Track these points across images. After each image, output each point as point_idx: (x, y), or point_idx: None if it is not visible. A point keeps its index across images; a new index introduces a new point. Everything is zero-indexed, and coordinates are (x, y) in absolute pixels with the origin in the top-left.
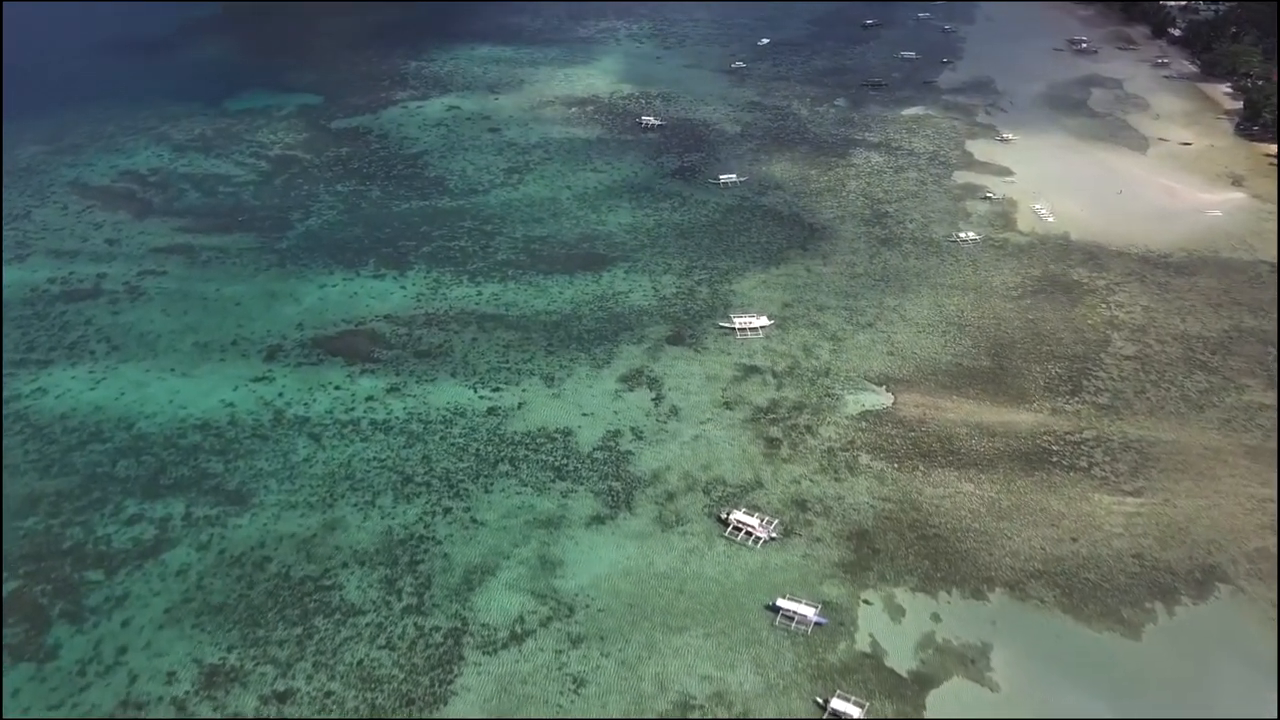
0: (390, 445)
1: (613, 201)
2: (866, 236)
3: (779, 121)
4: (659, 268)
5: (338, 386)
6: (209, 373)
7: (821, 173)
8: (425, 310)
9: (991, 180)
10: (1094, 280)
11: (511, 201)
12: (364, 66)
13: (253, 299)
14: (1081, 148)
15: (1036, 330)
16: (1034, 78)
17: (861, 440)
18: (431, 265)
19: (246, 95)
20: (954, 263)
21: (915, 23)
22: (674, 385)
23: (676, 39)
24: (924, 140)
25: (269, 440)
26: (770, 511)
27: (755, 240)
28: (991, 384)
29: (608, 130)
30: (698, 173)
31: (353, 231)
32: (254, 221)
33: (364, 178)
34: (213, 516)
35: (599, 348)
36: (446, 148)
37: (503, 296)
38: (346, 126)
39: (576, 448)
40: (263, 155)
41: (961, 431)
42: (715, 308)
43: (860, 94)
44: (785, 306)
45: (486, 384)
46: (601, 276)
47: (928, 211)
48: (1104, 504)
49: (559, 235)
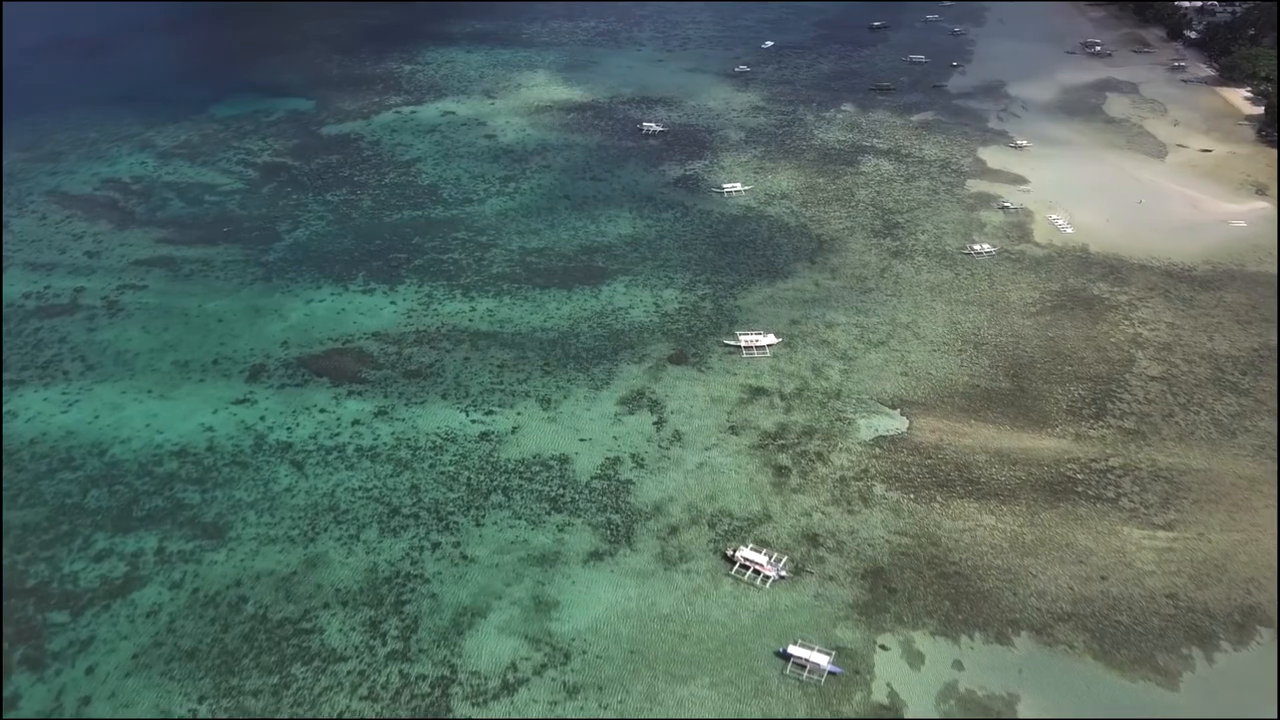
0: (377, 474)
1: (612, 211)
2: (877, 248)
3: (784, 127)
4: (661, 282)
5: (323, 410)
6: (188, 394)
7: (829, 181)
8: (416, 327)
9: (1006, 189)
10: (1115, 295)
11: (507, 211)
12: (357, 70)
13: (236, 315)
14: (1098, 155)
15: (1057, 349)
16: (1047, 82)
17: (875, 468)
18: (423, 279)
19: (235, 100)
20: (969, 276)
21: (924, 25)
22: (677, 408)
23: (678, 42)
24: (935, 147)
25: (249, 468)
26: (779, 547)
27: (761, 253)
28: (1011, 407)
29: (607, 137)
30: (701, 181)
31: (342, 243)
32: (240, 232)
33: (355, 186)
34: (187, 552)
35: (598, 367)
36: (440, 155)
37: (497, 312)
38: (338, 132)
39: (574, 476)
40: (250, 163)
41: (980, 459)
42: (720, 325)
43: (868, 98)
44: (793, 323)
45: (479, 407)
46: (601, 291)
47: (940, 222)
48: (1134, 538)
49: (556, 247)
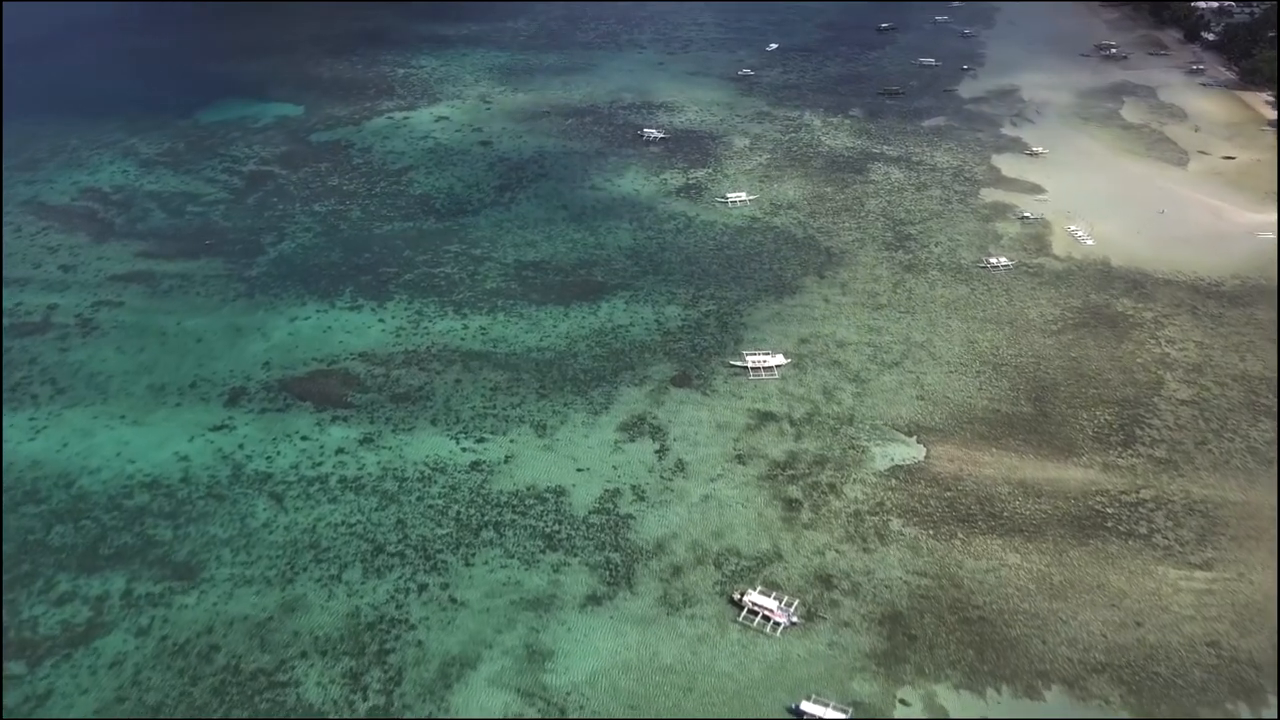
0: (361, 507)
1: (612, 223)
2: (889, 262)
3: (790, 133)
4: (662, 297)
5: (305, 437)
6: (163, 420)
7: (837, 190)
8: (405, 347)
9: (1022, 199)
10: (1140, 312)
11: (502, 223)
12: (348, 74)
13: (216, 334)
14: (1117, 162)
15: (1080, 370)
16: (1061, 86)
17: (892, 502)
18: (413, 295)
19: (221, 105)
20: (986, 292)
21: (932, 26)
22: (680, 435)
23: (680, 44)
24: (947, 154)
25: (225, 501)
26: (791, 590)
27: (767, 266)
28: (1034, 434)
29: (607, 143)
30: (704, 190)
31: (329, 256)
32: (223, 245)
33: (344, 196)
34: (156, 595)
35: (596, 390)
36: (434, 163)
37: (491, 331)
38: (327, 139)
39: (570, 511)
40: (236, 171)
41: (1003, 491)
42: (725, 344)
43: (877, 103)
44: (802, 342)
45: (470, 434)
46: (599, 307)
47: (954, 234)
48: (1170, 579)
49: (554, 260)
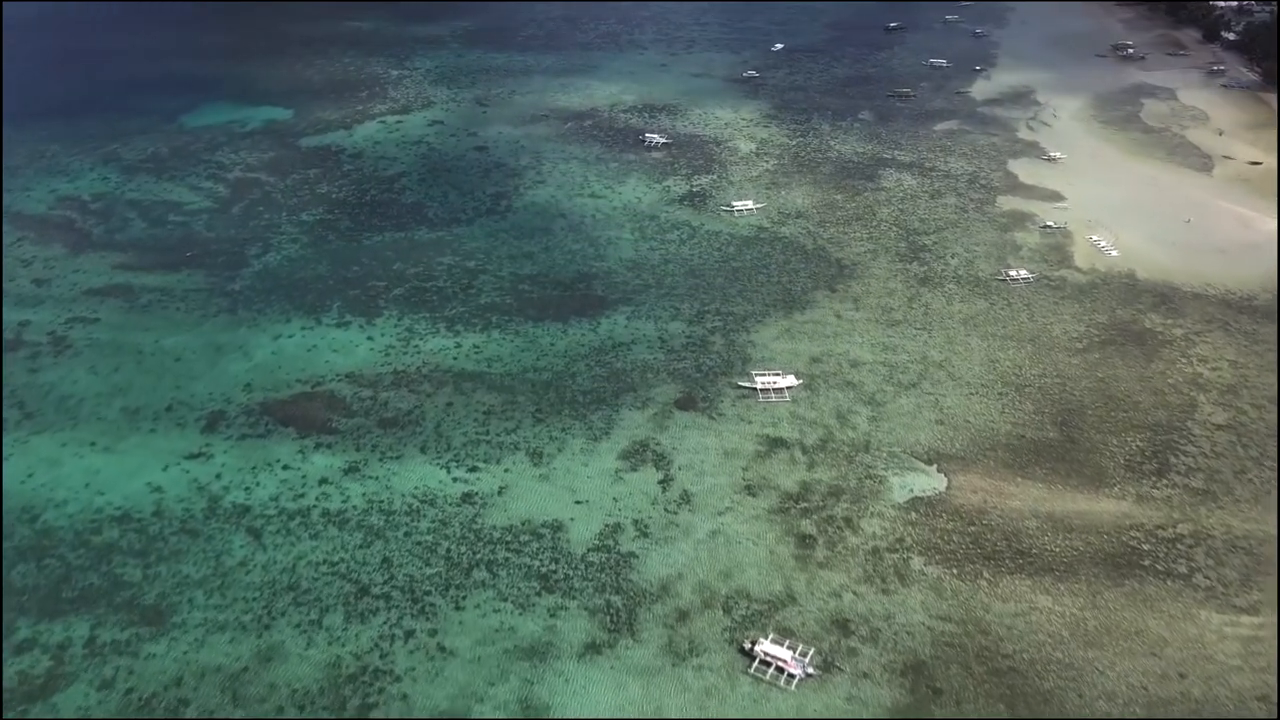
0: (345, 544)
1: (613, 233)
2: (903, 275)
3: (798, 138)
4: (666, 313)
5: (286, 466)
6: (136, 447)
7: (848, 198)
8: (394, 367)
9: (1041, 207)
10: (1170, 329)
11: (498, 233)
12: (340, 75)
13: (195, 353)
14: (1138, 168)
15: (1109, 392)
16: (1078, 87)
17: (912, 538)
18: (404, 310)
19: (208, 109)
20: (1006, 307)
21: (943, 26)
22: (685, 463)
23: (682, 44)
24: (961, 159)
25: (199, 537)
26: (805, 637)
27: (775, 279)
28: (1062, 461)
29: (607, 149)
30: (709, 199)
31: (316, 269)
32: (205, 257)
33: (333, 204)
34: (122, 642)
35: (596, 414)
36: (427, 169)
37: (485, 349)
38: (317, 144)
39: (568, 548)
40: (221, 178)
41: (1031, 525)
42: (732, 363)
43: (887, 106)
44: (813, 361)
45: (462, 462)
46: (600, 323)
47: (971, 244)
48: (1214, 624)
49: (551, 273)
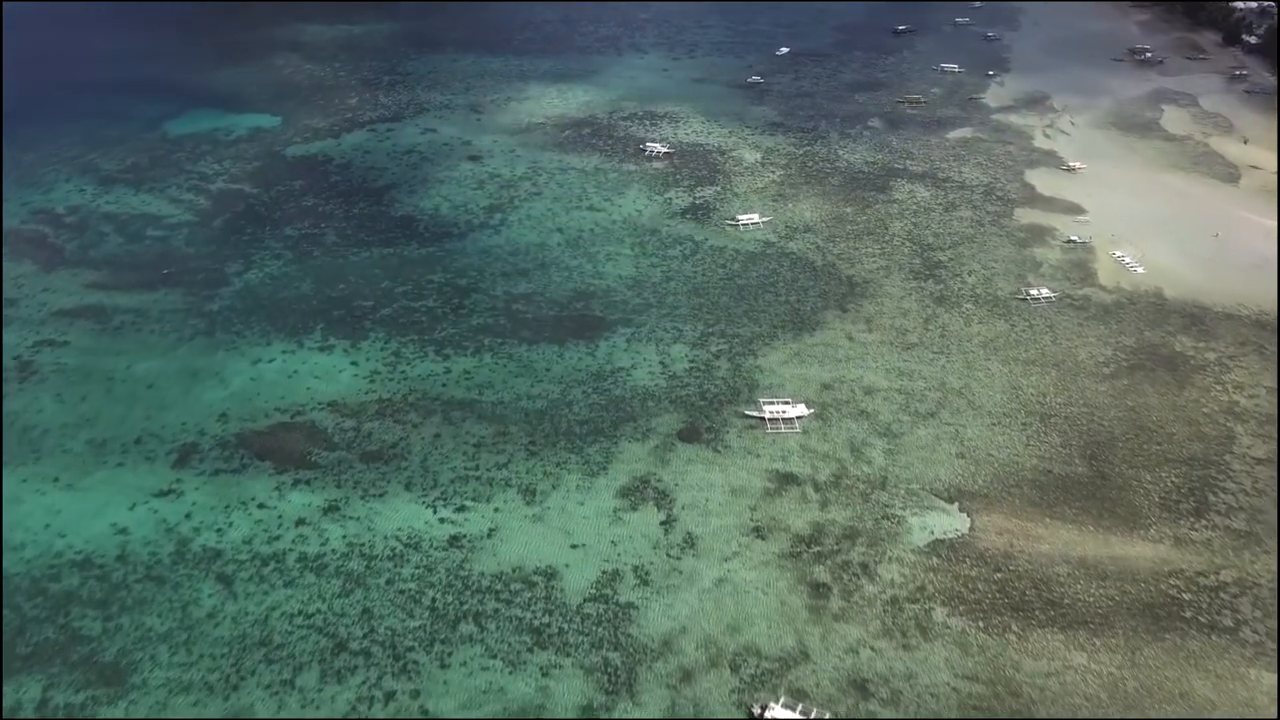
0: (322, 592)
1: (612, 248)
2: (918, 293)
3: (805, 146)
4: (668, 335)
5: (262, 505)
6: (102, 483)
7: (859, 211)
8: (379, 395)
9: (1061, 220)
10: (1202, 353)
11: (491, 248)
12: (330, 81)
13: (169, 380)
14: (1161, 179)
15: (1139, 422)
16: (1095, 93)
17: (934, 585)
18: (391, 333)
19: (192, 116)
20: (1027, 328)
21: (953, 29)
22: (689, 502)
23: (685, 48)
24: (976, 169)
25: (166, 585)
26: (820, 699)
27: (783, 299)
28: (1092, 500)
29: (606, 159)
30: (712, 211)
31: (299, 288)
32: (183, 274)
33: (319, 218)
34: (76, 705)
35: (593, 446)
36: (418, 180)
37: (476, 375)
38: (304, 154)
39: (562, 598)
40: (203, 190)
41: (1061, 571)
42: (738, 389)
43: (897, 113)
44: (824, 388)
45: (449, 501)
46: (598, 346)
47: (989, 261)
48: (1265, 686)
49: (547, 292)
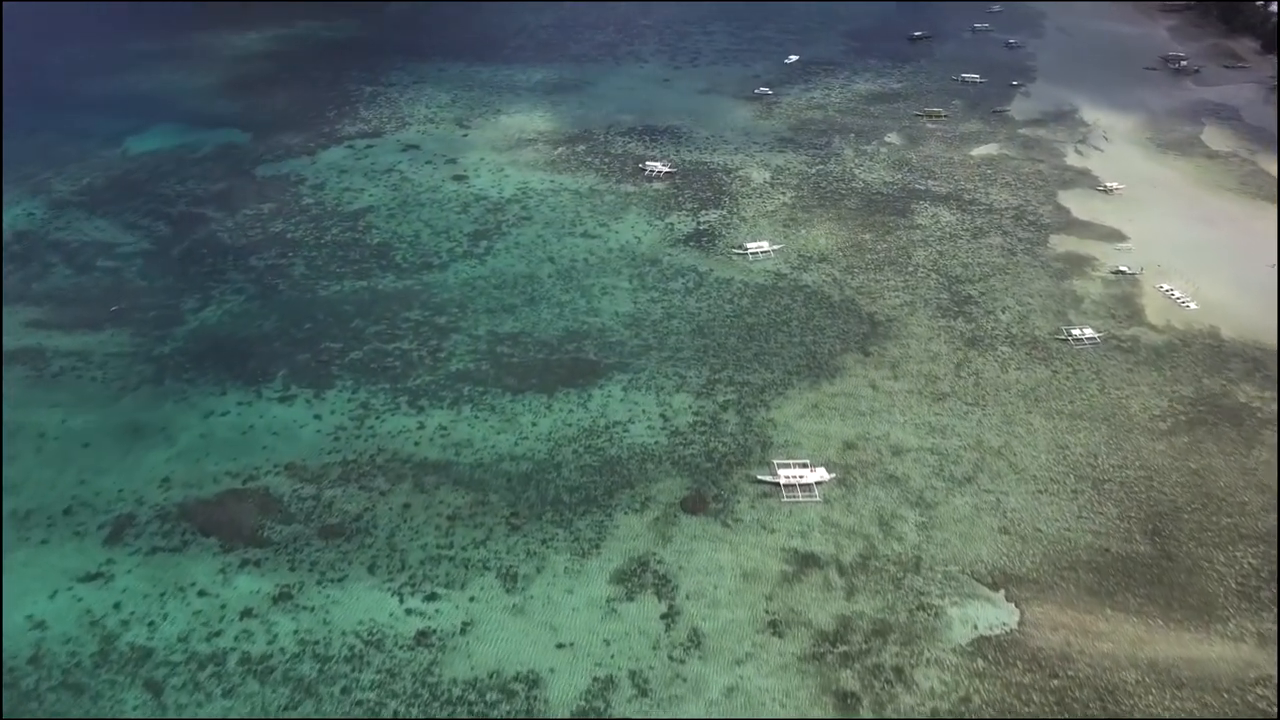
0: (266, 704)
1: (608, 280)
2: (947, 333)
3: (818, 165)
4: (669, 382)
5: (203, 592)
6: (22, 565)
7: (878, 238)
8: (344, 456)
9: (1100, 248)
10: (1269, 403)
11: (475, 281)
12: (307, 93)
13: (108, 437)
14: (1207, 200)
15: (1205, 489)
16: (1128, 105)
17: (981, 695)
18: (360, 380)
19: (157, 131)
20: (1071, 375)
21: (972, 35)
22: (694, 589)
23: (687, 56)
24: (1004, 190)
25: (84, 695)
26: None
27: (798, 339)
28: (1158, 585)
29: (603, 178)
30: (718, 238)
31: (262, 327)
32: (134, 311)
33: (287, 246)
34: None
35: (584, 519)
36: (397, 204)
37: (453, 431)
38: (274, 174)
39: (546, 710)
40: (163, 213)
41: (1129, 679)
42: (749, 448)
43: (916, 127)
44: (847, 448)
45: (418, 587)
46: (591, 396)
47: (1024, 295)
48: None
49: (536, 332)
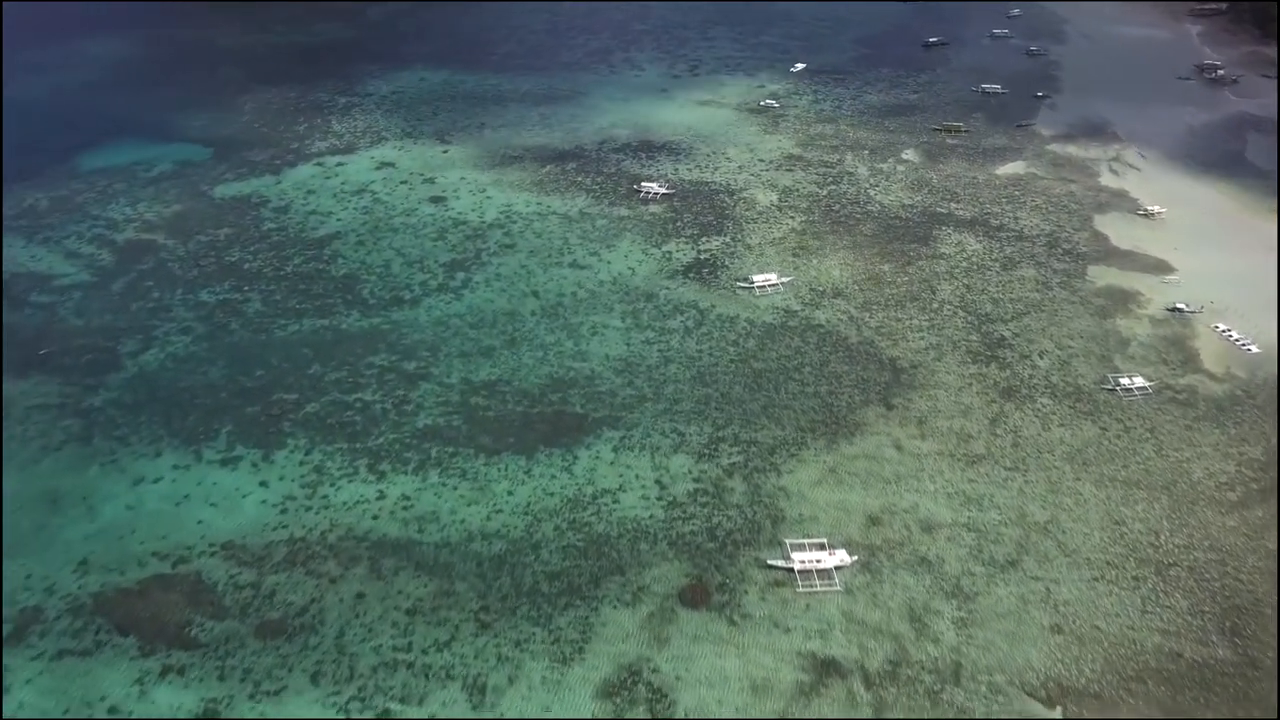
0: None
1: (598, 318)
2: (979, 382)
3: (829, 185)
4: (666, 441)
5: (114, 708)
6: None
7: (898, 269)
8: (291, 532)
9: (1145, 281)
10: None
11: (449, 319)
12: (276, 102)
13: (21, 509)
14: (1257, 226)
15: None
16: (1164, 118)
17: None
18: (315, 439)
19: (111, 146)
20: (1122, 433)
21: (990, 42)
22: (695, 705)
23: (687, 65)
24: (1035, 214)
25: None
26: None
27: (811, 389)
28: (1243, 701)
29: (594, 200)
30: (720, 269)
31: (207, 374)
32: (64, 355)
33: (243, 278)
34: None
35: (566, 614)
36: (368, 229)
37: (418, 502)
38: (235, 194)
39: None
40: (108, 241)
41: None
42: (758, 524)
43: (935, 143)
44: (871, 523)
45: (369, 701)
46: (576, 458)
47: (1063, 337)
48: None
49: (516, 380)
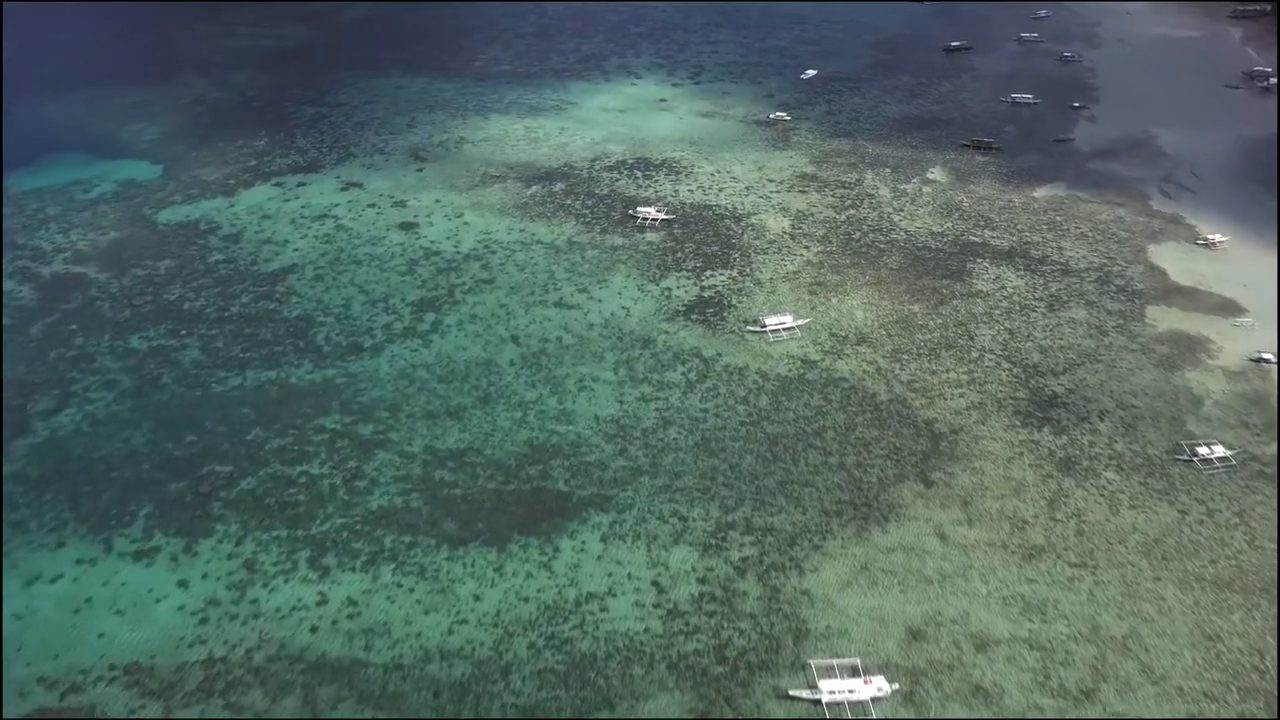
0: None
1: (586, 369)
2: (1031, 451)
3: (848, 209)
4: (665, 528)
5: None
6: None
7: (930, 310)
8: (211, 650)
9: (1213, 325)
10: None
11: (414, 371)
12: (236, 113)
13: None
14: None
15: None
16: (1215, 133)
17: None
18: (248, 523)
19: (50, 163)
20: (1205, 517)
21: (1018, 46)
22: None
23: (688, 71)
24: (1080, 243)
25: None
26: None
27: (836, 460)
28: None
29: (585, 228)
30: (727, 309)
31: (129, 441)
32: None
33: (182, 320)
34: None
35: None
36: (327, 262)
37: (365, 608)
38: (181, 219)
39: None
40: (31, 275)
41: None
42: (776, 639)
43: (963, 160)
44: (913, 638)
45: None
46: (558, 550)
47: (1124, 393)
48: None
49: (488, 448)
